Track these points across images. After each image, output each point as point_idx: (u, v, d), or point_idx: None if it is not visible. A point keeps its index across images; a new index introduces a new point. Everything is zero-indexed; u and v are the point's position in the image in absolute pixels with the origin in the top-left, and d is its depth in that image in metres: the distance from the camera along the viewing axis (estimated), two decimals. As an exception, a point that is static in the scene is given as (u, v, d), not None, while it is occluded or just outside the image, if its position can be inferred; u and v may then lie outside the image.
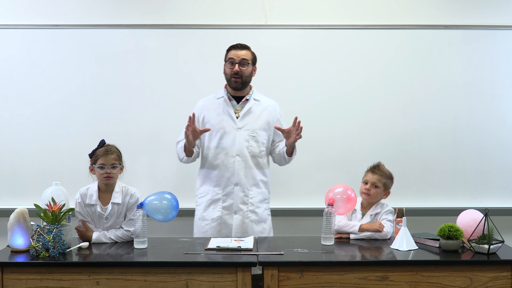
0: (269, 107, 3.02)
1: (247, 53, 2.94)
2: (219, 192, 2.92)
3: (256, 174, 2.94)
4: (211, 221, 2.91)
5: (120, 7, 3.48)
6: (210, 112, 2.97)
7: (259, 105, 2.99)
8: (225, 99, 2.97)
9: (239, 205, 2.90)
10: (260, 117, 2.96)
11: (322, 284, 2.29)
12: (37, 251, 2.35)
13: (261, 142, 2.95)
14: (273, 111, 3.02)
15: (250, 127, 2.94)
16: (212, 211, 2.92)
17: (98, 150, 2.68)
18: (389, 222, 2.70)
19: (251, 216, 2.91)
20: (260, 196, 2.95)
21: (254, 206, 2.92)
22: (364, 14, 3.51)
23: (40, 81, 3.46)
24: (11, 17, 3.45)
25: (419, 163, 3.53)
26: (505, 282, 2.31)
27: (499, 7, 3.53)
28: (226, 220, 2.90)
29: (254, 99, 3.00)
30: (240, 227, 2.89)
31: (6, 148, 3.46)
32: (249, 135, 2.93)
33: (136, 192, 2.72)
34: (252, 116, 2.95)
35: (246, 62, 2.91)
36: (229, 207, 2.91)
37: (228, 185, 2.91)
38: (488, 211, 2.43)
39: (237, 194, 2.90)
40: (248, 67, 2.93)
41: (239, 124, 2.93)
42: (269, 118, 2.99)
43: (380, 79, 3.52)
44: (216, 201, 2.92)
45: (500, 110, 3.54)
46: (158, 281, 2.27)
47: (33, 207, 2.47)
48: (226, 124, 2.93)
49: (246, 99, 2.98)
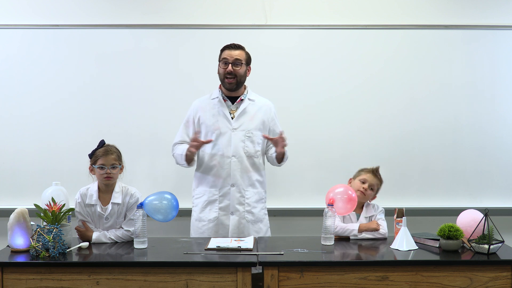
0: (264, 106, 3.01)
1: (240, 53, 2.92)
2: (215, 193, 2.92)
3: (252, 174, 2.93)
4: (208, 222, 2.91)
5: (120, 7, 3.48)
6: (205, 113, 2.96)
7: (253, 105, 2.98)
8: (219, 100, 2.96)
9: (236, 205, 2.90)
10: (255, 117, 2.96)
11: (322, 284, 2.29)
12: (37, 251, 2.35)
13: (256, 142, 2.94)
14: (268, 111, 3.01)
15: (246, 128, 2.93)
16: (208, 212, 2.92)
17: (98, 151, 2.68)
18: (384, 221, 2.74)
19: (247, 216, 2.91)
20: (257, 196, 2.95)
21: (250, 207, 2.92)
22: (364, 14, 3.51)
23: (40, 81, 3.46)
24: (11, 17, 3.45)
25: (419, 163, 3.53)
26: (505, 282, 2.31)
27: (499, 7, 3.53)
28: (223, 220, 2.90)
29: (249, 99, 2.99)
30: (237, 227, 2.89)
31: (6, 148, 3.46)
32: (244, 135, 2.92)
33: (136, 192, 2.72)
34: (247, 116, 2.95)
35: (240, 62, 2.90)
36: (225, 207, 2.91)
37: (225, 186, 2.91)
38: (488, 211, 2.43)
39: (234, 195, 2.90)
40: (242, 67, 2.91)
41: (234, 125, 2.92)
42: (264, 117, 2.98)
43: (380, 79, 3.52)
44: (213, 202, 2.92)
45: (500, 110, 3.54)
46: (158, 281, 2.27)
47: (33, 207, 2.47)
48: (222, 125, 2.92)
49: (240, 99, 2.97)
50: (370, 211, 2.78)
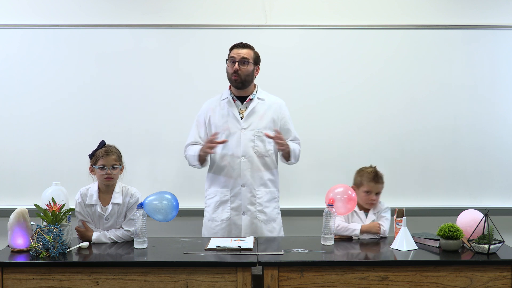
0: (274, 104, 3.00)
1: (248, 52, 2.92)
2: (227, 194, 2.92)
3: (264, 173, 2.93)
4: (220, 222, 2.91)
5: (120, 7, 3.48)
6: (215, 114, 2.96)
7: (263, 104, 2.97)
8: (229, 100, 2.96)
9: (247, 205, 2.89)
10: (265, 116, 2.95)
11: (322, 284, 2.29)
12: (37, 251, 2.35)
13: (267, 141, 2.93)
14: (278, 109, 2.99)
15: (255, 127, 2.92)
16: (221, 212, 2.92)
17: (98, 151, 2.68)
18: (388, 220, 2.74)
19: (259, 216, 2.91)
20: (269, 195, 2.95)
21: (262, 206, 2.91)
22: (364, 14, 3.51)
23: (40, 81, 3.46)
24: (11, 17, 3.45)
25: (419, 163, 3.53)
26: (505, 282, 2.31)
27: (499, 7, 3.53)
28: (236, 221, 2.90)
29: (258, 98, 2.97)
30: (249, 227, 2.89)
31: (6, 148, 3.46)
32: (254, 135, 2.91)
33: (136, 192, 2.72)
34: (256, 116, 2.94)
35: (247, 61, 2.89)
36: (237, 208, 2.90)
37: (236, 186, 2.90)
38: (488, 211, 2.43)
39: (245, 195, 2.89)
40: (248, 66, 2.90)
41: (243, 125, 2.92)
42: (274, 116, 2.97)
43: (380, 79, 3.52)
44: (225, 202, 2.92)
45: (500, 110, 3.54)
46: (158, 281, 2.27)
47: (33, 207, 2.47)
48: (231, 125, 2.92)
49: (250, 98, 2.97)
50: (378, 207, 2.78)
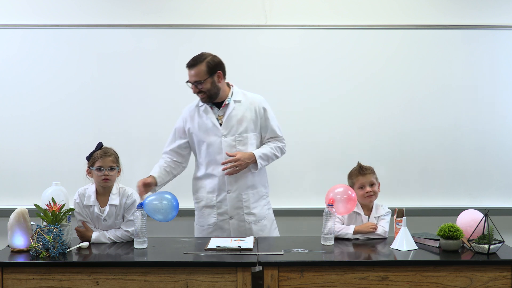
0: (251, 105, 2.89)
1: (197, 71, 2.76)
2: (213, 199, 2.89)
3: (249, 177, 2.88)
4: (207, 226, 2.90)
5: (120, 7, 3.48)
6: (193, 123, 2.90)
7: (240, 106, 2.87)
8: (205, 108, 2.88)
9: (234, 210, 2.87)
10: (243, 119, 2.87)
11: (322, 284, 2.29)
12: (37, 251, 2.35)
13: (249, 144, 2.87)
14: (257, 107, 2.90)
15: (235, 132, 2.85)
16: (207, 217, 2.90)
17: (95, 153, 2.68)
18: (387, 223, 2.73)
19: (248, 218, 2.88)
20: (256, 196, 2.91)
21: (250, 208, 2.88)
22: (364, 14, 3.52)
23: (40, 81, 3.46)
24: (11, 17, 3.45)
25: (419, 163, 3.54)
26: (505, 282, 2.31)
27: (499, 7, 3.53)
28: (222, 225, 2.88)
29: (235, 100, 2.87)
30: (237, 230, 2.87)
31: (6, 148, 3.47)
32: (235, 140, 2.84)
33: (133, 193, 2.72)
34: (234, 120, 2.85)
35: (199, 82, 2.76)
36: (223, 213, 2.88)
37: (221, 193, 2.87)
38: (488, 211, 2.42)
39: (231, 200, 2.86)
40: (204, 84, 2.77)
41: (223, 131, 2.84)
42: (253, 116, 2.88)
43: (380, 79, 3.52)
44: (211, 208, 2.90)
45: (500, 110, 3.54)
46: (158, 281, 2.27)
47: (33, 207, 2.47)
48: (211, 134, 2.86)
49: (225, 104, 2.88)
50: (380, 211, 2.77)
